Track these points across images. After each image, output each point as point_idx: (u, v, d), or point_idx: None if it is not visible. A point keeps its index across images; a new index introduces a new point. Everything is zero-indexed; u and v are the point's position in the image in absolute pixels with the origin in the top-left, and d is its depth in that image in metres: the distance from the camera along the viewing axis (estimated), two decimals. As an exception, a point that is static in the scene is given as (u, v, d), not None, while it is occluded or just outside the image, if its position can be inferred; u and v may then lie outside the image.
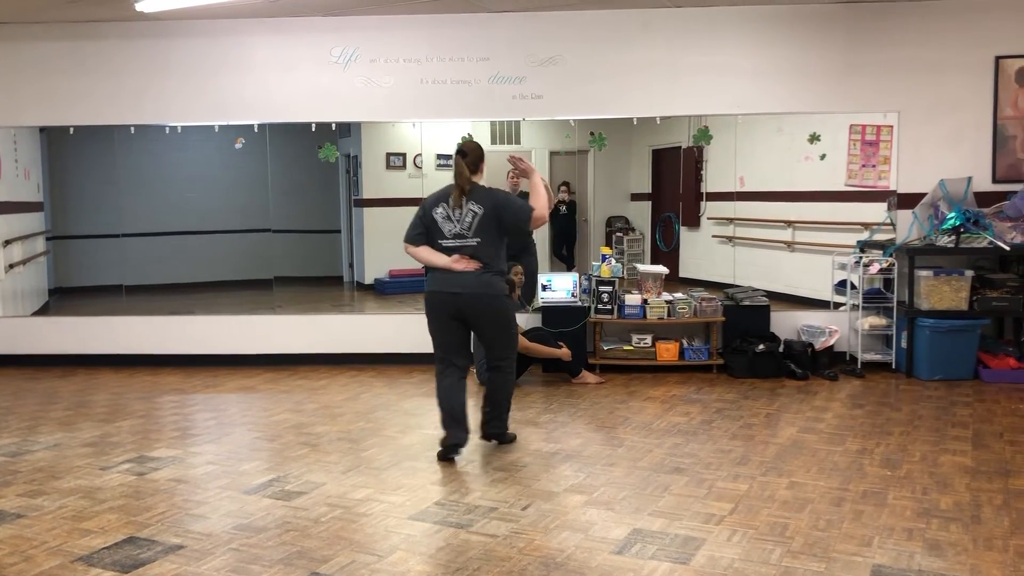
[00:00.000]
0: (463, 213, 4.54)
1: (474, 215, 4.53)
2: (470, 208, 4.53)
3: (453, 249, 4.56)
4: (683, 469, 4.42)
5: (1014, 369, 6.41)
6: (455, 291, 4.56)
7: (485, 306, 4.60)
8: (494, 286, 4.60)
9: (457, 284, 4.56)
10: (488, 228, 4.55)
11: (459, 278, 4.55)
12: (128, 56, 7.24)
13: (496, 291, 4.61)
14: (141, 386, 6.70)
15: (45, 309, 8.57)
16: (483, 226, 4.53)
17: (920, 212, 6.81)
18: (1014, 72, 6.77)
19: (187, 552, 3.44)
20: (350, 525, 3.71)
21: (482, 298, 4.58)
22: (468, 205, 4.54)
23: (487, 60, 7.09)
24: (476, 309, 4.60)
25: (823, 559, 3.30)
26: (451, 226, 4.56)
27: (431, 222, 4.61)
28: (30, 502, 4.05)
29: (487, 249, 4.56)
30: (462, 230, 4.55)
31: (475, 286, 4.54)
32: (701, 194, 8.78)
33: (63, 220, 9.41)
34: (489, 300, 4.60)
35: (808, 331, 6.92)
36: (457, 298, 4.56)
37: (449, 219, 4.56)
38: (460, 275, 4.55)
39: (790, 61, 6.92)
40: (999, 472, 4.34)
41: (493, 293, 4.60)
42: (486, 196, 4.57)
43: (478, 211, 4.52)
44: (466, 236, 4.54)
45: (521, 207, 4.60)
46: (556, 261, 9.76)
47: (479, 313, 4.62)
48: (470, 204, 4.54)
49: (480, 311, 4.61)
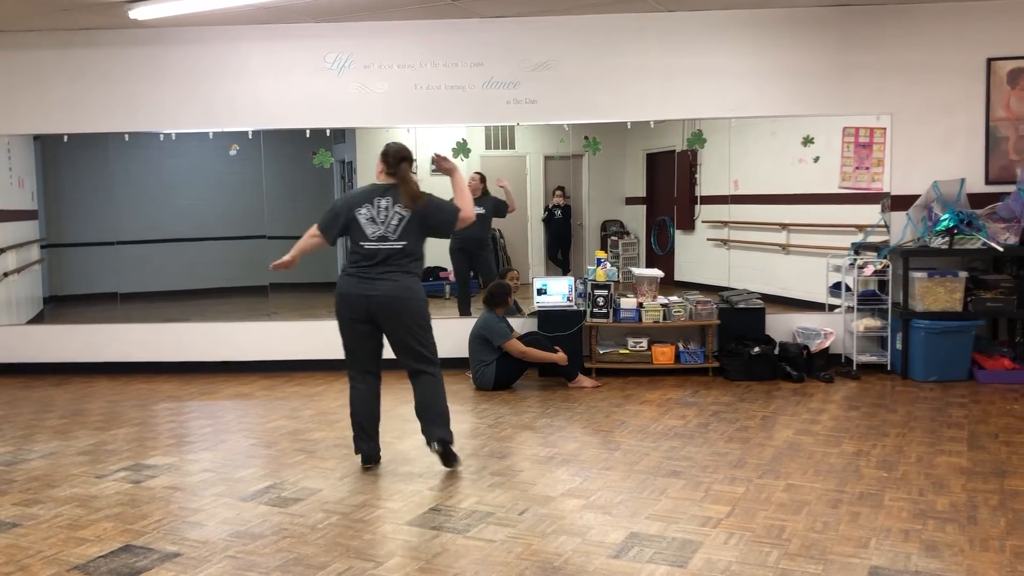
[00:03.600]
0: (389, 216, 4.49)
1: (400, 218, 4.48)
2: (396, 211, 4.49)
3: (374, 251, 4.47)
4: (680, 472, 4.43)
5: (1009, 370, 6.42)
6: (369, 294, 4.46)
7: (401, 309, 4.47)
8: (412, 289, 4.51)
9: (370, 287, 4.46)
10: (413, 231, 4.50)
11: (372, 281, 4.46)
12: (122, 63, 7.24)
13: (415, 294, 4.52)
14: (137, 394, 6.69)
15: (40, 317, 8.54)
16: (409, 229, 4.49)
17: (914, 214, 6.83)
18: (1006, 74, 6.80)
19: (184, 560, 3.43)
20: (347, 531, 3.71)
21: (398, 301, 4.46)
22: (395, 208, 4.49)
23: (481, 65, 7.10)
24: (391, 312, 4.47)
25: (820, 561, 3.30)
26: (375, 228, 4.49)
27: (352, 222, 4.53)
28: (26, 511, 4.04)
29: (411, 252, 4.51)
30: (386, 232, 4.48)
31: (392, 289, 4.45)
32: (695, 197, 8.80)
33: (57, 228, 9.39)
34: (406, 303, 4.48)
35: (803, 333, 6.93)
36: (371, 301, 4.46)
37: (373, 221, 4.50)
38: (372, 278, 4.46)
39: (783, 64, 6.94)
40: (995, 473, 4.35)
41: (410, 296, 4.50)
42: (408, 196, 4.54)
43: (405, 214, 4.48)
44: (390, 238, 4.48)
45: (448, 209, 4.56)
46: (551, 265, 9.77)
47: (394, 317, 4.48)
48: (396, 207, 4.49)
49: (396, 315, 4.47)
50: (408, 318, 4.49)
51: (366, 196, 4.55)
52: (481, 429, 5.41)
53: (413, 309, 4.51)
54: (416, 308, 4.52)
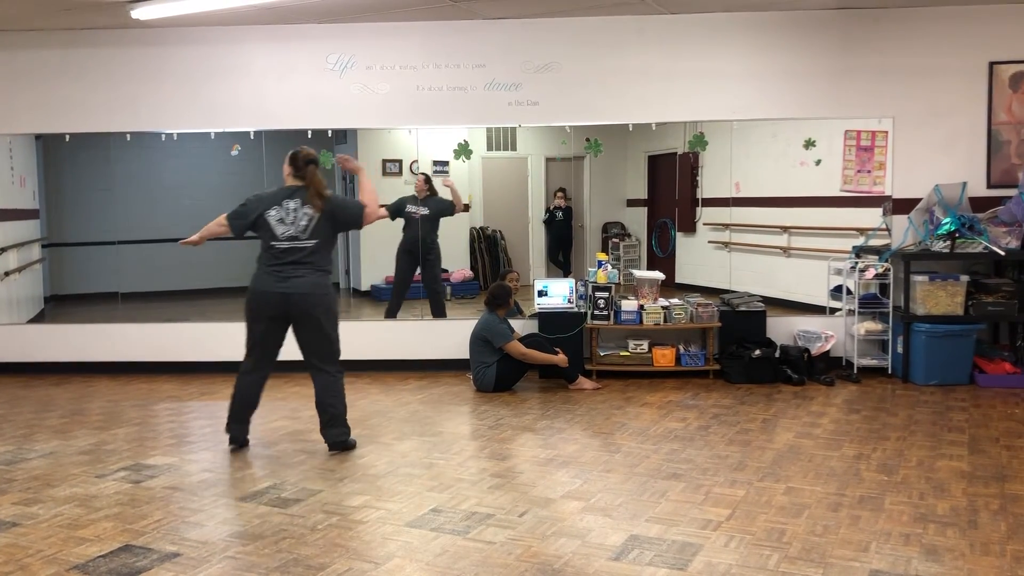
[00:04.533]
0: (299, 216, 4.69)
1: (310, 218, 4.69)
2: (305, 212, 4.70)
3: (286, 250, 4.69)
4: (680, 475, 4.42)
5: (1010, 374, 6.42)
6: (284, 291, 4.68)
7: (315, 305, 4.71)
8: (324, 286, 4.76)
9: (282, 284, 4.68)
10: (323, 230, 4.72)
11: (285, 279, 4.69)
12: (124, 63, 7.24)
13: (327, 291, 4.77)
14: (137, 393, 6.69)
15: (41, 316, 8.55)
16: (318, 228, 4.70)
17: (915, 217, 6.83)
18: (1008, 77, 6.80)
19: (183, 560, 3.43)
20: (347, 532, 3.70)
21: (312, 297, 4.70)
22: (304, 209, 4.70)
23: (483, 67, 7.10)
24: (304, 308, 4.70)
25: (820, 564, 3.30)
26: (284, 228, 4.70)
27: (262, 223, 4.74)
28: (25, 510, 4.04)
29: (321, 250, 4.73)
30: (296, 232, 4.69)
31: (305, 286, 4.68)
32: (697, 200, 8.80)
33: (59, 227, 9.40)
34: (319, 300, 4.72)
35: (804, 336, 6.93)
36: (286, 298, 4.68)
37: (283, 222, 4.70)
38: (284, 275, 4.68)
39: (785, 67, 6.94)
40: (995, 477, 4.35)
41: (323, 293, 4.74)
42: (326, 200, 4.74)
43: (313, 214, 4.69)
44: (300, 238, 4.69)
45: (353, 206, 4.83)
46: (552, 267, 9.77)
47: (307, 313, 4.71)
48: (305, 208, 4.70)
49: (308, 311, 4.71)
50: (318, 314, 4.73)
51: (275, 198, 4.78)
52: (481, 431, 5.41)
53: (324, 305, 4.76)
54: (326, 305, 4.77)
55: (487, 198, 10.25)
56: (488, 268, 10.03)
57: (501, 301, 6.58)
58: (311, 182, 4.73)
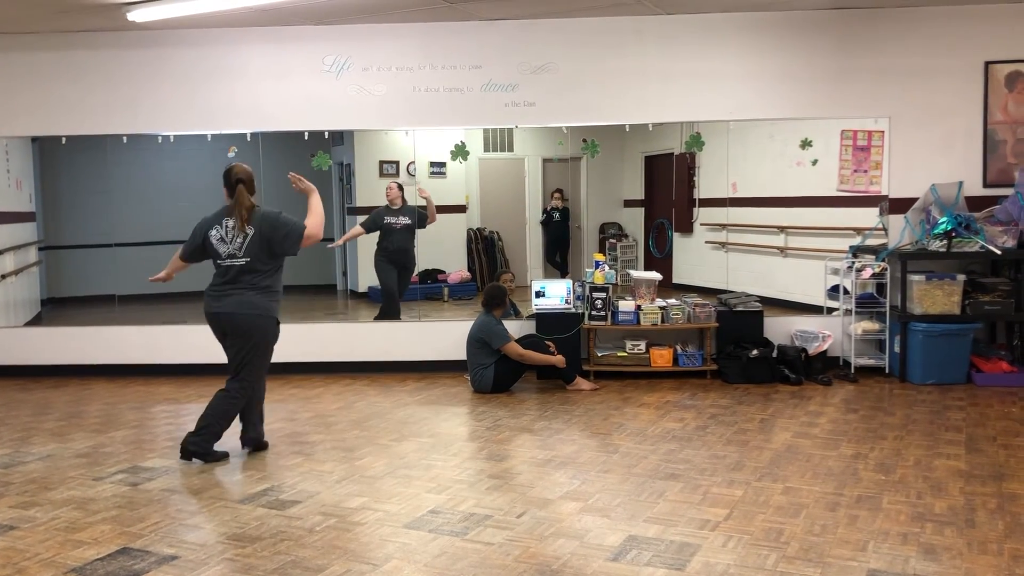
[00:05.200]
0: (235, 235, 4.73)
1: (245, 236, 4.72)
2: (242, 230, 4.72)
3: (227, 268, 4.74)
4: (678, 475, 4.42)
5: (1007, 373, 6.43)
6: (215, 311, 4.76)
7: (245, 323, 4.73)
8: (257, 305, 4.74)
9: (217, 303, 4.75)
10: (258, 248, 4.72)
11: (220, 298, 4.74)
12: (120, 65, 7.23)
13: (258, 311, 4.74)
14: (134, 396, 6.68)
15: (38, 319, 8.54)
16: (252, 246, 4.72)
17: (912, 217, 6.84)
18: (1004, 77, 6.81)
19: (181, 563, 3.42)
20: (345, 534, 3.70)
21: (238, 316, 4.72)
22: (238, 226, 4.73)
23: (479, 68, 7.10)
24: (232, 326, 4.75)
25: (818, 564, 3.30)
26: (224, 247, 4.75)
27: (207, 243, 4.80)
28: (23, 513, 4.03)
29: (257, 267, 4.72)
30: (233, 250, 4.73)
31: (234, 306, 4.72)
32: (694, 200, 8.81)
33: (55, 230, 9.39)
34: (250, 319, 4.73)
35: (801, 336, 6.94)
36: (218, 317, 4.77)
37: (223, 241, 4.76)
38: (221, 294, 4.74)
39: (781, 67, 6.94)
40: (993, 476, 4.35)
41: (254, 313, 4.73)
42: (259, 219, 4.74)
43: (249, 232, 4.71)
44: (237, 256, 4.73)
45: (291, 231, 4.73)
46: (550, 268, 9.78)
47: (234, 330, 4.75)
48: (239, 225, 4.73)
49: (238, 327, 4.74)
50: (245, 332, 4.75)
51: (216, 218, 4.83)
52: (479, 432, 5.41)
53: (254, 326, 4.74)
54: (257, 325, 4.75)
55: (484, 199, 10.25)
56: (486, 269, 10.03)
57: (497, 302, 6.58)
58: (237, 202, 4.75)
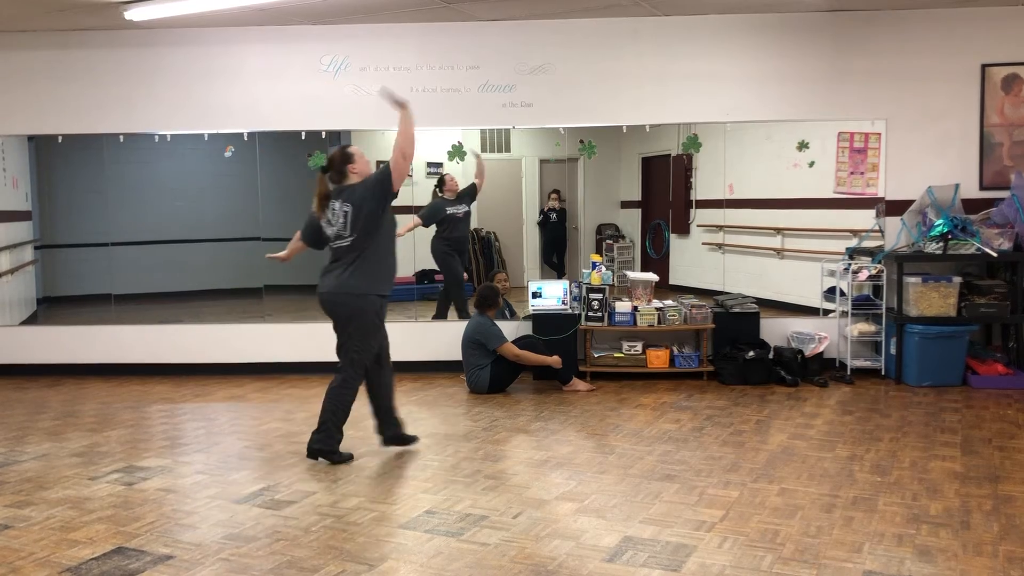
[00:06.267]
0: (336, 215, 4.66)
1: (345, 213, 4.64)
2: (342, 209, 4.64)
3: (336, 249, 4.70)
4: (674, 476, 4.42)
5: (1002, 375, 6.44)
6: (320, 292, 4.71)
7: (339, 304, 4.67)
8: (357, 287, 4.64)
9: (323, 284, 4.72)
10: (360, 220, 4.61)
11: (326, 278, 4.70)
12: (117, 65, 7.22)
13: (353, 289, 4.64)
14: (130, 396, 6.67)
15: (33, 318, 8.52)
16: (355, 220, 4.62)
17: (908, 219, 6.85)
18: (1000, 80, 6.83)
19: (177, 562, 3.42)
20: (341, 534, 3.70)
21: (337, 296, 4.65)
22: (340, 207, 4.65)
23: (477, 68, 7.10)
24: (334, 308, 4.69)
25: (814, 565, 3.31)
26: (331, 229, 4.70)
27: (320, 228, 4.75)
28: (18, 512, 4.02)
29: (361, 244, 4.63)
30: (340, 230, 4.66)
31: (333, 286, 4.66)
32: (691, 201, 8.80)
33: (51, 229, 9.36)
34: (343, 298, 4.65)
35: (798, 338, 6.94)
36: (322, 298, 4.71)
37: (330, 223, 4.70)
38: (327, 275, 4.70)
39: (778, 69, 6.95)
40: (988, 478, 4.36)
41: (348, 291, 4.64)
42: (350, 190, 4.67)
43: (347, 208, 4.63)
44: (344, 235, 4.66)
45: (378, 172, 4.64)
46: (546, 268, 9.77)
47: (337, 312, 4.69)
48: (340, 205, 4.65)
49: (336, 310, 4.69)
50: (345, 313, 4.68)
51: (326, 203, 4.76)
52: (475, 432, 5.41)
53: (351, 305, 4.66)
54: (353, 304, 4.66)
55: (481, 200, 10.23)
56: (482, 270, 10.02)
57: (490, 302, 6.59)
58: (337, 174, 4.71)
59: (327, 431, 4.74)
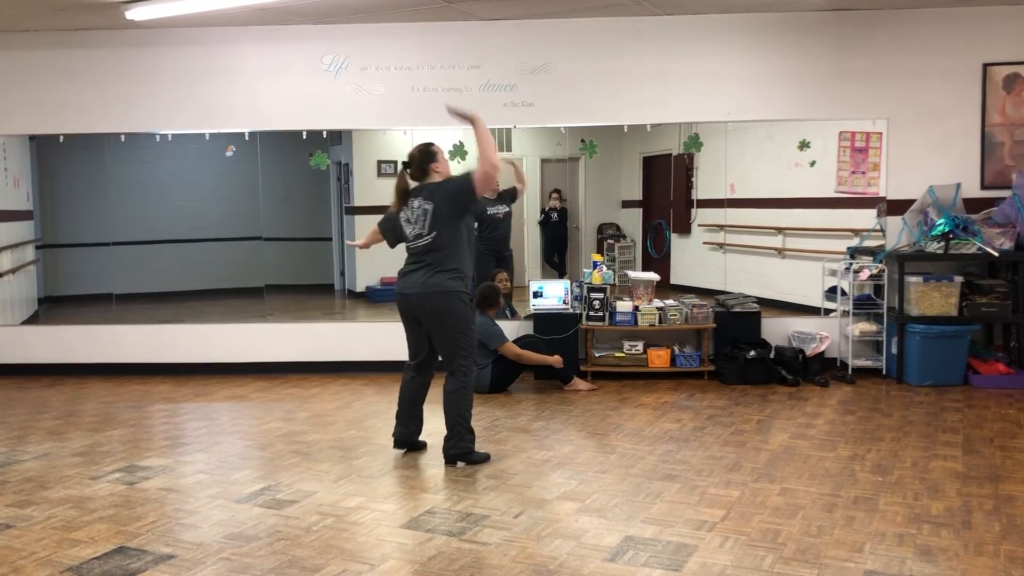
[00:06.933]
0: (416, 213, 4.60)
1: (425, 212, 4.58)
2: (422, 207, 4.59)
3: (414, 249, 4.63)
4: (675, 476, 4.42)
5: (1003, 375, 6.43)
6: (405, 292, 4.62)
7: (433, 306, 4.58)
8: (444, 285, 4.56)
9: (407, 285, 4.62)
10: (442, 219, 4.56)
11: (409, 279, 4.62)
12: (118, 64, 7.22)
13: (446, 288, 4.56)
14: (131, 395, 6.67)
15: (35, 318, 8.53)
16: (436, 219, 4.56)
17: (909, 218, 6.84)
18: (1001, 79, 6.82)
19: (178, 562, 3.42)
20: (342, 534, 3.70)
21: (425, 296, 4.56)
22: (420, 205, 4.59)
23: (478, 68, 7.10)
24: (425, 310, 4.60)
25: (815, 565, 3.30)
26: (411, 228, 4.63)
27: (399, 225, 4.70)
28: (19, 512, 4.03)
29: (442, 244, 4.57)
30: (420, 229, 4.60)
31: (423, 286, 4.56)
32: (692, 201, 8.80)
33: (53, 229, 9.37)
34: (437, 299, 4.56)
35: (799, 337, 6.94)
36: (407, 299, 4.63)
37: (409, 221, 4.64)
38: (410, 276, 4.62)
39: (779, 68, 6.95)
40: (989, 477, 4.36)
41: (442, 291, 4.55)
42: (433, 189, 4.62)
43: (428, 207, 4.57)
44: (423, 235, 4.59)
45: (463, 178, 4.60)
46: (548, 268, 9.77)
47: (428, 314, 4.61)
48: (419, 203, 4.60)
49: (428, 311, 4.60)
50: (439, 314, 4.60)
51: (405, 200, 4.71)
52: (477, 432, 5.39)
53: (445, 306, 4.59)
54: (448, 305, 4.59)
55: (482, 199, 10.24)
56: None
57: (491, 302, 6.58)
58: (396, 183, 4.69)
59: (458, 435, 4.67)
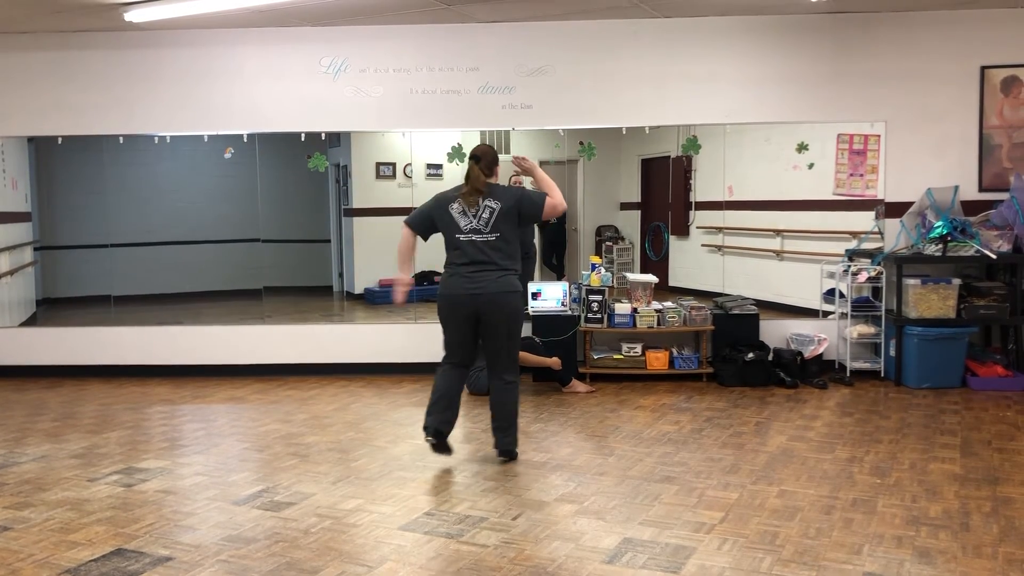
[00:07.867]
0: (480, 210, 4.62)
1: (491, 211, 4.62)
2: (487, 205, 4.62)
3: (469, 243, 4.61)
4: (673, 478, 4.43)
5: (1002, 377, 6.44)
6: (476, 292, 4.58)
7: (506, 307, 4.60)
8: (515, 285, 4.66)
9: (477, 286, 4.58)
10: (506, 222, 4.63)
11: (478, 279, 4.58)
12: (117, 66, 7.22)
13: (517, 289, 4.67)
14: (129, 397, 6.67)
15: (33, 320, 8.52)
16: (501, 221, 4.62)
17: (908, 221, 6.85)
18: (999, 82, 6.83)
19: (176, 564, 3.42)
20: (340, 536, 3.70)
21: (503, 297, 4.58)
22: (485, 202, 4.63)
23: (476, 70, 7.10)
24: (496, 310, 4.58)
25: (813, 567, 3.31)
26: (467, 221, 4.63)
27: (446, 216, 4.67)
28: (17, 514, 4.02)
29: (504, 244, 4.63)
30: (479, 226, 4.62)
31: (498, 286, 4.58)
32: (690, 203, 8.81)
33: (51, 230, 9.36)
34: (510, 299, 4.62)
35: (797, 339, 6.94)
36: (478, 299, 4.58)
37: (465, 214, 4.64)
38: (477, 276, 4.59)
39: (778, 71, 6.96)
40: (988, 479, 4.36)
41: (515, 291, 4.65)
42: (504, 192, 4.69)
43: (495, 207, 4.62)
44: (483, 231, 4.61)
45: (537, 196, 4.69)
46: (546, 270, 9.77)
47: (497, 314, 4.59)
48: (487, 201, 4.63)
49: (499, 312, 4.59)
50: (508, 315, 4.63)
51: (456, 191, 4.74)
52: (475, 433, 5.41)
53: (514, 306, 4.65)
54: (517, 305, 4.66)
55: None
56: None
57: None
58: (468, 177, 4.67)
59: (516, 430, 4.76)
